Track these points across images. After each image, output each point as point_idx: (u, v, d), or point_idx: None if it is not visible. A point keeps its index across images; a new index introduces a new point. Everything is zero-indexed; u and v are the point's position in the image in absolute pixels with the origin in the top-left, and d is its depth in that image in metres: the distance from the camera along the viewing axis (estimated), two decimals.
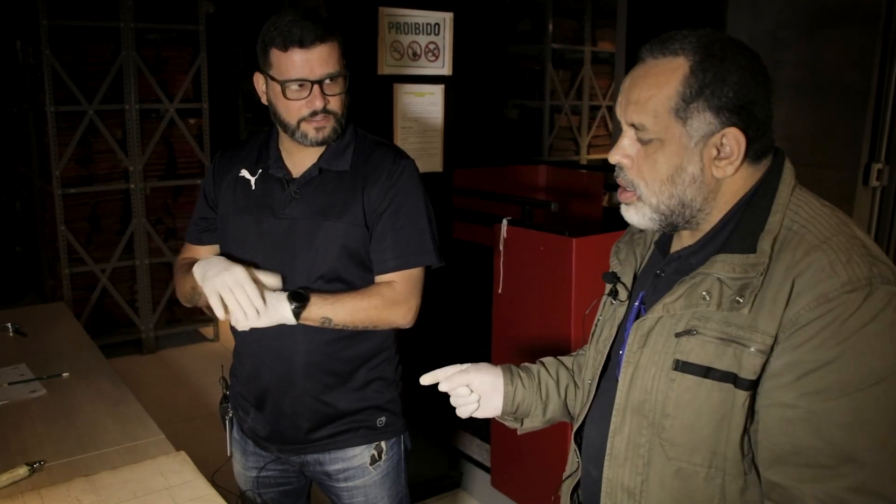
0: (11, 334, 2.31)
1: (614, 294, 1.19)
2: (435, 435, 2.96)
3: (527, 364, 1.40)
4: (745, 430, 0.99)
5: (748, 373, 0.96)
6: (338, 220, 1.54)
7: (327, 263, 1.55)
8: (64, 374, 1.99)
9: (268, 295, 1.45)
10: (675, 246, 1.13)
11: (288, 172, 1.58)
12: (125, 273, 4.64)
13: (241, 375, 1.70)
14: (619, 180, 1.07)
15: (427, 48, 2.52)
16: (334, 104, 1.50)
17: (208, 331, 4.98)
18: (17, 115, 5.33)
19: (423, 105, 2.56)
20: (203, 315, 4.98)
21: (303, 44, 1.43)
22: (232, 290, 1.41)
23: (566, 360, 1.41)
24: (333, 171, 1.57)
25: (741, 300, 0.96)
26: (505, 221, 2.52)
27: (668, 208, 1.03)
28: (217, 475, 1.85)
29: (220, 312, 1.43)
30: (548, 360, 1.41)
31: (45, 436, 1.66)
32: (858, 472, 0.90)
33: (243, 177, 1.61)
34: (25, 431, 1.68)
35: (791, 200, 1.01)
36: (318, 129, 1.50)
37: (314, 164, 1.56)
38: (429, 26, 2.51)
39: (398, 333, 1.70)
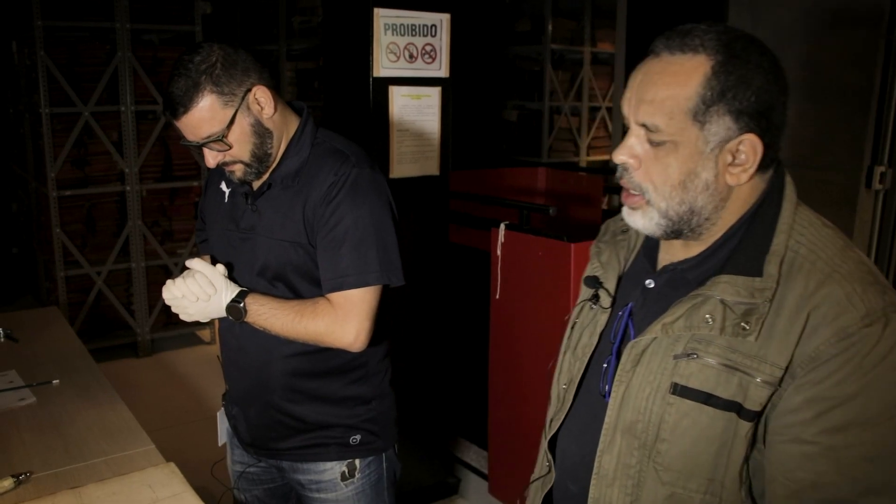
0: (2, 339, 2.28)
1: (595, 299, 1.14)
2: (432, 441, 2.93)
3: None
4: (746, 460, 0.96)
5: (753, 403, 0.93)
6: (282, 238, 1.51)
7: (276, 280, 1.53)
8: (54, 382, 1.96)
9: (214, 296, 1.48)
10: (665, 255, 1.08)
11: (249, 186, 1.56)
12: (121, 276, 4.61)
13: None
14: (624, 182, 1.01)
15: (423, 50, 2.49)
16: (233, 154, 1.46)
17: (205, 333, 4.95)
18: (13, 117, 5.30)
19: (420, 108, 2.52)
20: None
21: (173, 115, 1.42)
22: (184, 279, 1.47)
23: None
24: (282, 184, 1.53)
25: (747, 326, 0.92)
26: (502, 226, 2.50)
27: (677, 214, 0.98)
28: (216, 469, 1.84)
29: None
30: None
31: (33, 446, 1.63)
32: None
33: (221, 189, 1.63)
34: (13, 441, 1.65)
35: (795, 219, 0.98)
36: (231, 173, 1.50)
37: (267, 178, 1.54)
38: (425, 28, 2.48)
39: (385, 348, 1.65)
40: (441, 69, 2.55)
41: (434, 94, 2.55)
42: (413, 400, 1.50)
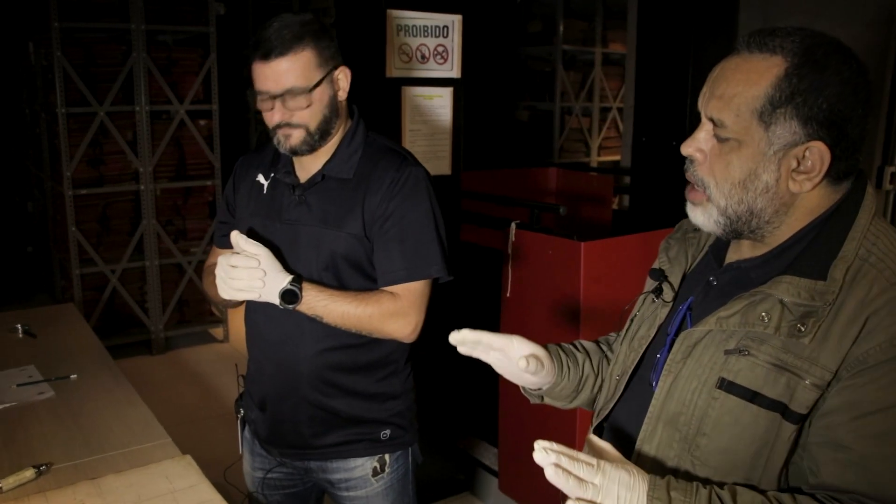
0: (21, 335, 2.32)
1: (658, 292, 1.13)
2: (443, 438, 2.96)
3: (572, 349, 1.29)
4: (786, 465, 0.94)
5: (799, 406, 0.91)
6: (337, 230, 1.52)
7: (325, 270, 1.54)
8: (72, 376, 1.99)
9: (267, 279, 1.45)
10: (732, 254, 1.07)
11: (296, 177, 1.58)
12: (135, 274, 4.65)
13: (249, 376, 1.72)
14: (689, 176, 1.01)
15: (435, 51, 2.51)
16: (302, 117, 1.48)
17: (218, 331, 4.99)
18: (29, 117, 5.37)
19: (432, 108, 2.55)
20: (213, 315, 4.99)
21: (265, 57, 1.43)
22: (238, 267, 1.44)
23: (606, 349, 1.33)
24: (336, 178, 1.55)
25: (803, 328, 0.90)
26: (513, 225, 2.51)
27: (735, 213, 0.97)
28: (229, 473, 1.86)
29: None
30: (591, 349, 1.30)
31: (53, 438, 1.67)
32: None
33: (258, 181, 1.63)
34: (33, 433, 1.69)
35: (869, 229, 0.95)
36: (286, 137, 1.50)
37: (319, 171, 1.56)
38: (437, 29, 2.50)
39: (411, 346, 1.66)
40: (453, 70, 2.57)
41: (446, 94, 2.57)
42: (425, 397, 1.52)
